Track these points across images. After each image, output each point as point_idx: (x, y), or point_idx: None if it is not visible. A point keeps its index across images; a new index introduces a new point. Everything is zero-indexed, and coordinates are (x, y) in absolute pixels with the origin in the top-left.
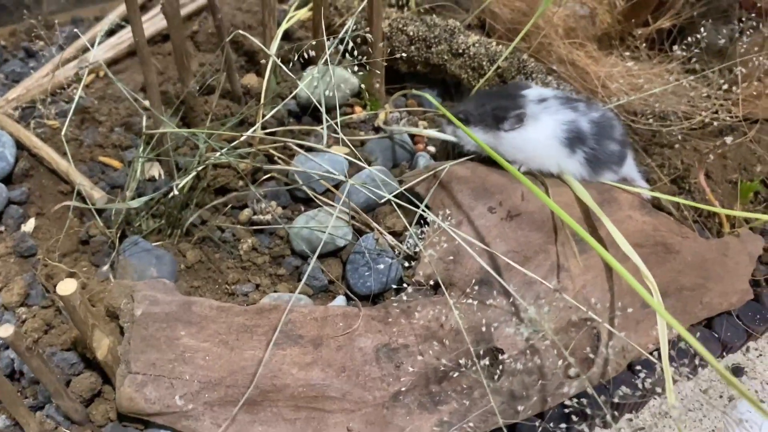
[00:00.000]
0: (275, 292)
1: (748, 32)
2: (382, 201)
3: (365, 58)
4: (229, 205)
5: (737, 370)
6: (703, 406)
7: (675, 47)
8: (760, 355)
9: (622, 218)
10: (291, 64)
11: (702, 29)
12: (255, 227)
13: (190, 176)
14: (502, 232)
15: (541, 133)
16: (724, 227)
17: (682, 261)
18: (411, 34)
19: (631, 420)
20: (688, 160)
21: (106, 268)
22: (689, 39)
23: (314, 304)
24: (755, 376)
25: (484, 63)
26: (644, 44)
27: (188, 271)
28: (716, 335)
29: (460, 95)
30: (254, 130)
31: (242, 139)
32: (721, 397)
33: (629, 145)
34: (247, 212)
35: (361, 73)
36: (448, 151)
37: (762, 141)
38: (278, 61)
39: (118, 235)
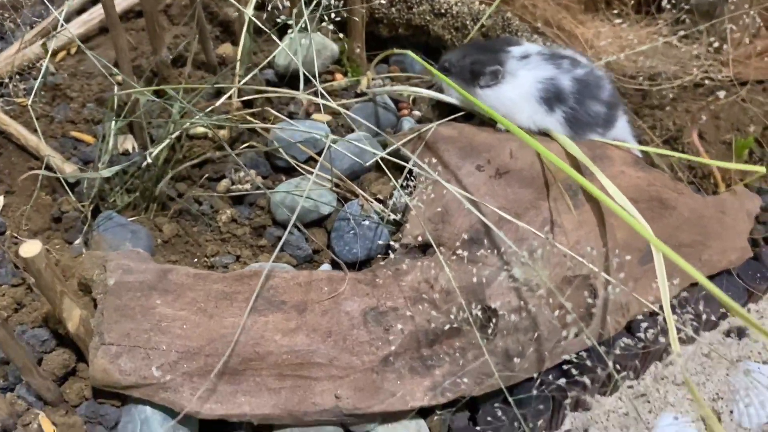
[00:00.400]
0: (257, 262)
1: None
2: (368, 164)
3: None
4: (206, 176)
5: (740, 332)
6: (706, 369)
7: (663, 5)
8: (761, 317)
9: (615, 174)
10: (267, 32)
11: None
12: (234, 194)
13: (164, 144)
14: (492, 189)
15: (516, 91)
16: (719, 187)
17: (679, 217)
18: None
19: (631, 387)
20: (680, 121)
21: (78, 242)
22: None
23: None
24: (757, 339)
25: (468, 22)
26: (632, 4)
27: (165, 246)
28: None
29: None
30: (230, 96)
31: (218, 104)
32: (723, 360)
33: (621, 108)
34: (225, 183)
35: (341, 38)
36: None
37: (754, 101)
38: (253, 18)
39: (91, 209)
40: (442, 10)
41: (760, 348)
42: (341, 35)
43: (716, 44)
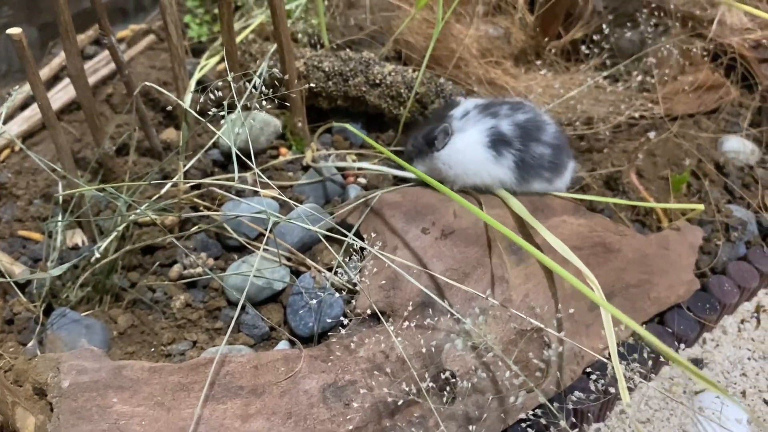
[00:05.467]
0: (214, 347)
1: (658, 31)
2: (317, 238)
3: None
4: (158, 263)
5: (696, 363)
6: (669, 404)
7: (589, 53)
8: (717, 345)
9: (557, 223)
10: (209, 114)
11: (613, 35)
12: (186, 280)
13: (112, 236)
14: (438, 251)
15: (466, 142)
16: (662, 222)
17: (624, 259)
18: (327, 69)
19: (599, 430)
20: (618, 161)
21: (32, 344)
22: (602, 45)
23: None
24: (714, 367)
25: (402, 90)
26: (559, 56)
27: (121, 338)
28: (669, 330)
29: (384, 125)
30: (174, 182)
31: (164, 191)
32: (684, 393)
33: (569, 153)
34: (177, 268)
35: (282, 114)
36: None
37: (686, 135)
38: (188, 108)
39: (43, 308)
40: (377, 81)
41: (719, 377)
42: (283, 111)
43: (643, 83)
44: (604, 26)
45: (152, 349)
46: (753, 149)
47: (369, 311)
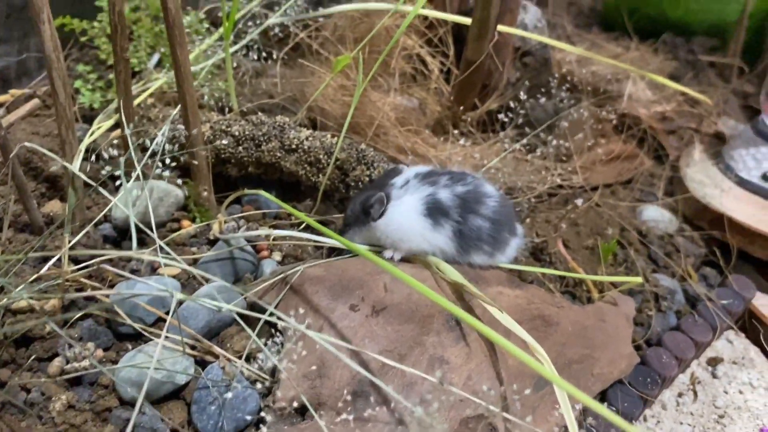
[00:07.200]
0: None
1: (570, 101)
2: (226, 322)
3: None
4: (34, 357)
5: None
6: None
7: (506, 122)
8: (658, 422)
9: (494, 295)
10: (101, 182)
11: (528, 105)
12: (69, 375)
13: None
14: (370, 330)
15: (402, 210)
16: (592, 293)
17: (564, 332)
18: (237, 134)
19: None
20: (542, 231)
21: None
22: (518, 112)
23: None
24: None
25: (321, 156)
26: (476, 126)
27: None
28: (614, 408)
29: (300, 193)
30: (59, 259)
31: (44, 271)
32: None
33: (513, 230)
34: (57, 362)
35: (186, 183)
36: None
37: (606, 204)
38: (79, 173)
39: None
40: (293, 146)
41: None
42: (185, 180)
43: (560, 151)
44: (520, 94)
45: None
46: (671, 218)
47: (292, 405)
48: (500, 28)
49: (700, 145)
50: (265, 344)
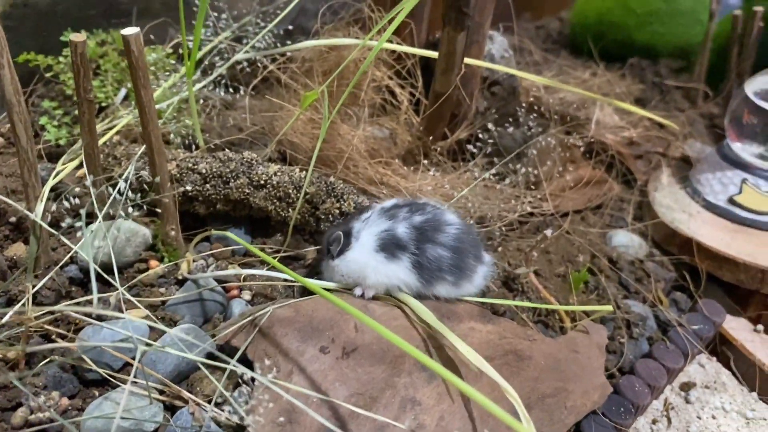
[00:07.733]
0: None
1: (539, 129)
2: (196, 364)
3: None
4: None
5: None
6: None
7: (476, 151)
8: None
9: (466, 331)
10: (65, 225)
11: (496, 134)
12: (34, 428)
13: None
14: (341, 373)
15: (356, 248)
16: (565, 322)
17: (537, 366)
18: (204, 171)
19: None
20: (513, 260)
21: None
22: (487, 141)
23: None
24: None
25: (290, 191)
26: (446, 156)
27: None
28: None
29: (270, 229)
30: (23, 304)
31: (6, 318)
32: None
33: (478, 257)
34: (21, 413)
35: (152, 222)
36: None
37: (576, 231)
38: (38, 220)
39: None
40: (261, 182)
41: None
42: (153, 219)
43: (529, 179)
44: (489, 125)
45: None
46: (641, 243)
47: None
48: (467, 60)
49: (667, 169)
50: (236, 388)
